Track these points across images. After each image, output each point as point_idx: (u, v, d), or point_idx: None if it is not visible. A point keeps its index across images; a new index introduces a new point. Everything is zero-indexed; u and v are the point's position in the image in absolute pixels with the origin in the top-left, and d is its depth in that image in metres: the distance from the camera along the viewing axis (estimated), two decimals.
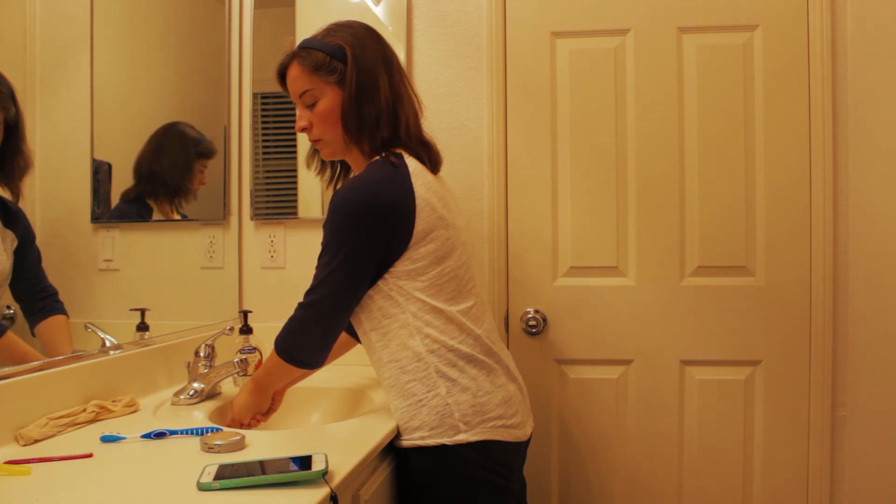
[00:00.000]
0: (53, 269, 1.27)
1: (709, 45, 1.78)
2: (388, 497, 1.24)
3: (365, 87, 1.26)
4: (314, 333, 1.24)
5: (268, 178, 1.94)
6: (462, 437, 1.19)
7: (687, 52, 1.79)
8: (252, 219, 1.94)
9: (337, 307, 1.23)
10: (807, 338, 1.75)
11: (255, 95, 1.95)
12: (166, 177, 1.51)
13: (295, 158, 1.92)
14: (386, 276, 1.23)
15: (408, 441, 1.22)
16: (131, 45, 1.54)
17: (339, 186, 1.46)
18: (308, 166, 1.48)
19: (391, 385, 1.26)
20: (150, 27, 1.61)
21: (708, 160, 1.78)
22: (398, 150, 1.28)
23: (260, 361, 1.62)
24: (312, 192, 1.91)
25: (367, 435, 1.16)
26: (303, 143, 1.91)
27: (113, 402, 1.33)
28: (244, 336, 1.64)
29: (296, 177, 1.92)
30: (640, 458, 1.81)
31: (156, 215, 1.51)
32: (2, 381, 1.12)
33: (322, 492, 0.89)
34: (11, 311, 1.19)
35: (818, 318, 1.73)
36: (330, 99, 1.28)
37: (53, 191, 1.29)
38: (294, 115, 1.91)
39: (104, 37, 1.42)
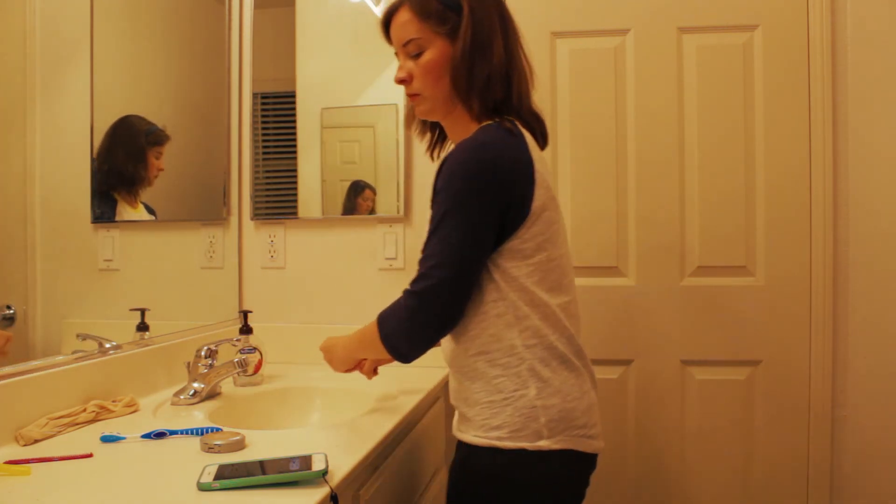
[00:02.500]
0: (53, 269, 1.27)
1: (709, 45, 1.78)
2: (389, 497, 1.24)
3: (479, 43, 1.13)
4: (425, 326, 1.09)
5: (268, 178, 1.95)
6: (544, 444, 1.08)
7: (687, 52, 1.79)
8: (252, 219, 1.94)
9: (460, 292, 1.08)
10: (807, 338, 1.75)
11: (255, 95, 1.95)
12: (122, 168, 1.52)
13: (295, 158, 1.92)
14: (493, 254, 1.09)
15: (482, 439, 1.10)
16: (131, 45, 1.54)
17: (436, 154, 1.32)
18: (407, 126, 1.33)
19: (475, 377, 1.12)
20: (150, 27, 1.61)
21: (708, 160, 1.78)
22: (510, 118, 1.15)
23: (260, 362, 1.62)
24: (312, 192, 1.91)
25: (367, 435, 1.16)
26: (303, 143, 1.91)
27: (113, 402, 1.33)
28: (244, 336, 1.64)
29: (296, 177, 1.92)
30: (640, 457, 1.81)
31: (120, 206, 1.51)
32: (2, 382, 1.12)
33: (322, 492, 0.89)
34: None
35: (818, 318, 1.73)
36: (437, 51, 1.15)
37: (53, 191, 1.29)
38: (294, 114, 1.93)
39: (104, 37, 1.42)
